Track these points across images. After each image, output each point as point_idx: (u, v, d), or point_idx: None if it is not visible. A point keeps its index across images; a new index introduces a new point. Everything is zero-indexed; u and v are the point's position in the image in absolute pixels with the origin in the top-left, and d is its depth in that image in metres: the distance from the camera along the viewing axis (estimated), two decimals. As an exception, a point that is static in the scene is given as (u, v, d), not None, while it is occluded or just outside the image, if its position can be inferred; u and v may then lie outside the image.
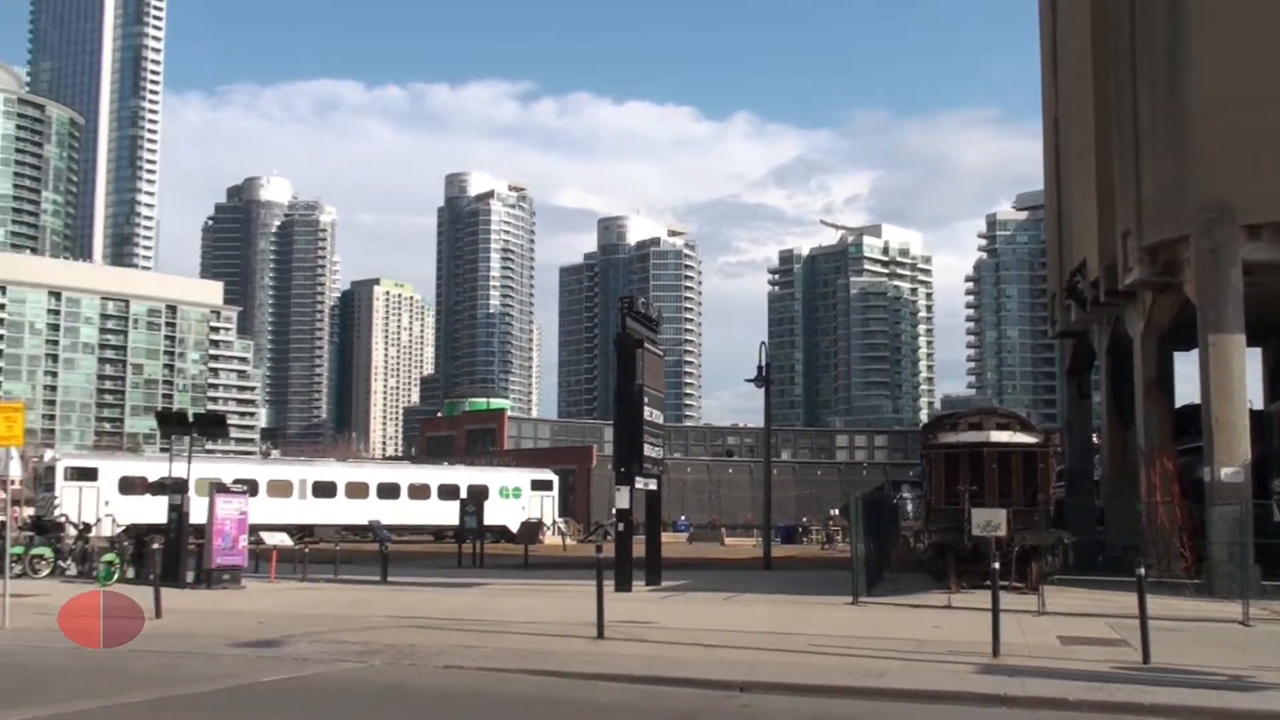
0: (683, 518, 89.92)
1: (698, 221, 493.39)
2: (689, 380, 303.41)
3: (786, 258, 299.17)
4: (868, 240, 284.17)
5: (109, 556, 31.60)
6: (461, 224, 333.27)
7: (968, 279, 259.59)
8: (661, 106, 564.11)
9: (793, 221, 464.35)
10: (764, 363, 45.19)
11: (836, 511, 71.84)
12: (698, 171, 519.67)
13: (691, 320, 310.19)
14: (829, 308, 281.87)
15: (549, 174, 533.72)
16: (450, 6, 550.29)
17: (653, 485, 31.54)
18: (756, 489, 79.23)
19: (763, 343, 47.31)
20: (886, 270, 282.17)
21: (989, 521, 24.66)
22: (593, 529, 76.66)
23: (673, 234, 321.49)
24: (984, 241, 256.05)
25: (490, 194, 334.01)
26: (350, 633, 19.62)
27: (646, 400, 30.73)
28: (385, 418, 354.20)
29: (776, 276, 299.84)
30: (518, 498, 70.22)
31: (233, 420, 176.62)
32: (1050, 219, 43.64)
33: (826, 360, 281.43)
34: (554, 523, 71.64)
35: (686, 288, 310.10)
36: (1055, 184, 41.88)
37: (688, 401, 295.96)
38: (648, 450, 30.67)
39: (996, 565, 18.52)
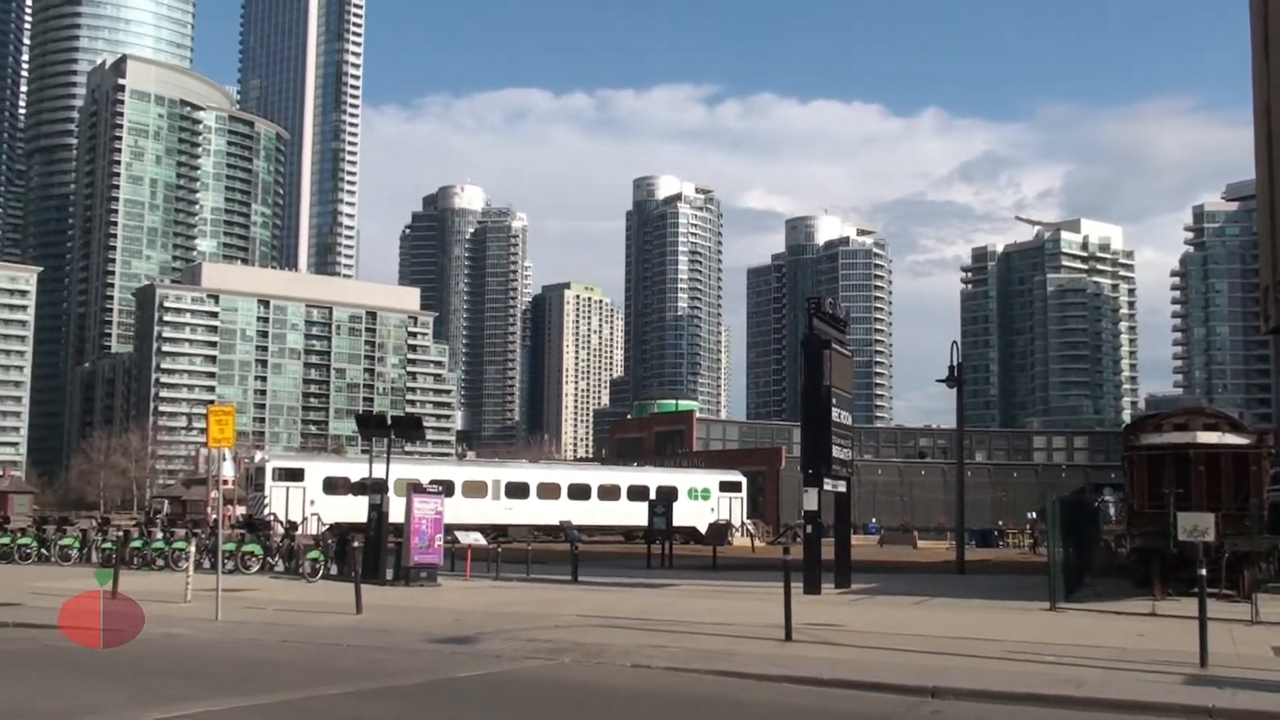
0: (873, 520, 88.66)
1: (883, 220, 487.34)
2: (879, 381, 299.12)
3: (980, 255, 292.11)
4: (1065, 235, 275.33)
5: (314, 554, 32.73)
6: (649, 227, 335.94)
7: (1173, 274, 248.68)
8: (848, 105, 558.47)
9: (981, 218, 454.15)
10: (956, 362, 44.22)
11: (1034, 515, 69.80)
12: (882, 170, 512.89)
13: (881, 320, 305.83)
14: (1025, 305, 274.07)
15: (734, 176, 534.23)
16: (635, 14, 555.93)
17: (842, 487, 31.20)
18: (950, 491, 77.60)
19: (954, 342, 46.24)
20: (1086, 266, 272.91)
21: (1195, 526, 23.57)
22: (781, 531, 76.17)
23: (862, 233, 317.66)
24: (1190, 235, 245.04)
25: (677, 197, 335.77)
26: (541, 631, 19.94)
27: (835, 401, 30.40)
28: (576, 420, 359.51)
29: (969, 274, 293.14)
30: (706, 499, 70.30)
31: (429, 423, 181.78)
32: (1263, 209, 41.45)
33: (1023, 359, 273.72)
34: (743, 524, 71.44)
35: (876, 287, 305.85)
36: (1268, 173, 39.74)
37: (878, 403, 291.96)
38: (836, 452, 30.34)
39: (1204, 572, 17.69)
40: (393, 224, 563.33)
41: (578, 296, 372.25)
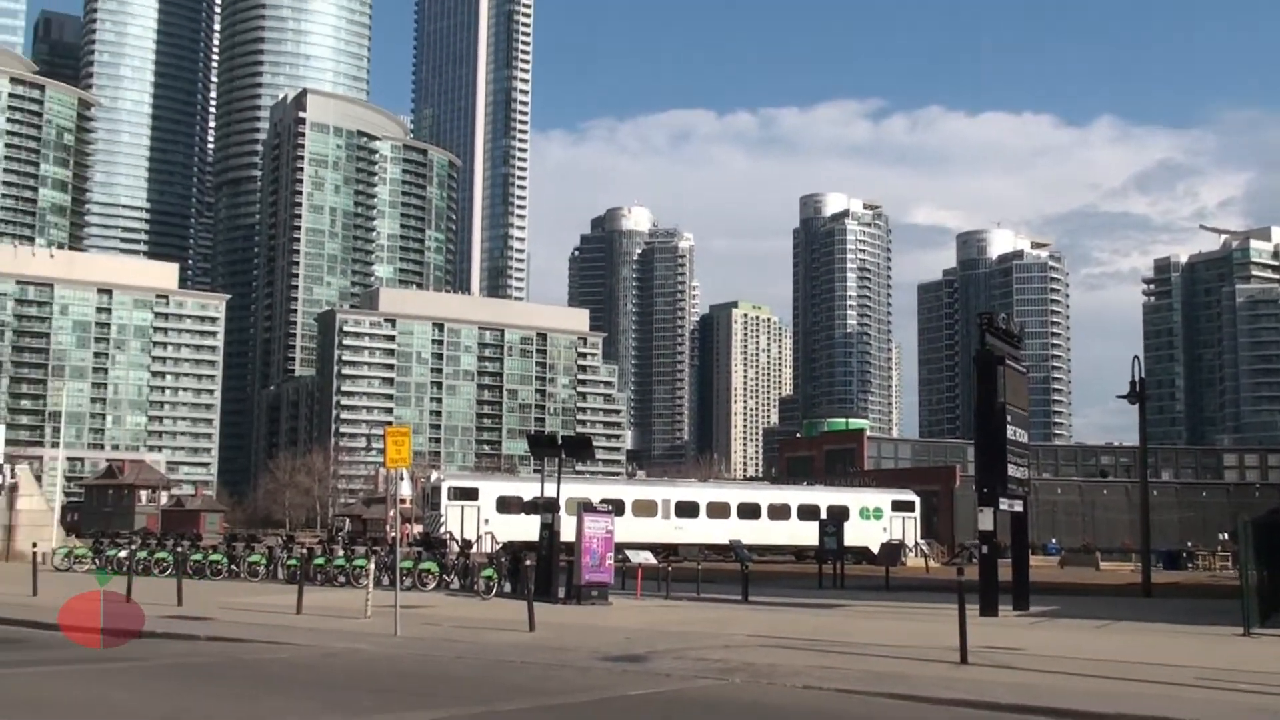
0: (1053, 540, 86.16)
1: (1055, 233, 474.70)
2: (1057, 398, 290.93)
3: (1162, 266, 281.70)
4: (1255, 244, 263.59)
5: (488, 572, 33.25)
6: (817, 244, 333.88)
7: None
8: (1018, 116, 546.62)
9: (1160, 229, 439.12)
10: (1138, 378, 42.74)
11: (1225, 536, 66.94)
12: (1053, 182, 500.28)
13: (1058, 335, 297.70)
14: (1212, 317, 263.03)
15: (901, 191, 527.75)
16: (797, 33, 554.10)
17: (1018, 507, 30.44)
18: (1134, 511, 74.89)
19: (1136, 357, 44.69)
20: (1278, 276, 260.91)
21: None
22: (956, 551, 74.63)
23: (1036, 246, 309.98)
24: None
25: (845, 213, 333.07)
26: (712, 650, 19.91)
27: (1009, 419, 29.71)
28: (745, 439, 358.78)
29: (1151, 286, 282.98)
30: (878, 519, 69.32)
31: (599, 442, 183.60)
32: None
33: (1211, 374, 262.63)
34: (916, 544, 70.22)
35: (1053, 301, 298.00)
36: None
37: (1056, 420, 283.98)
38: (1012, 470, 29.64)
39: None
40: (561, 247, 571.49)
41: (745, 315, 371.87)
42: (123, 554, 39.66)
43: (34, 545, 34.33)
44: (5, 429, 53.74)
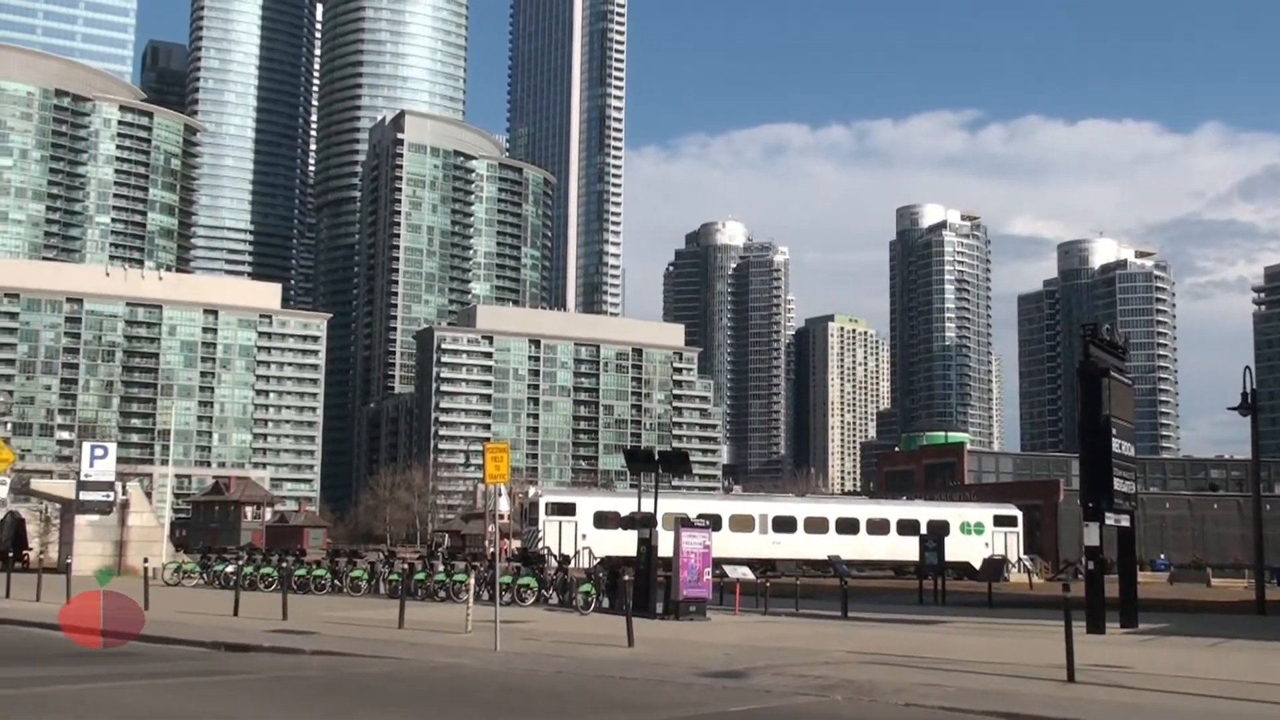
0: (1161, 556, 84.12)
1: (1157, 242, 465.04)
2: (1164, 410, 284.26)
3: (1273, 274, 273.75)
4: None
5: (586, 587, 33.34)
6: (914, 256, 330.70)
7: None
8: (1118, 123, 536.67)
9: (1267, 236, 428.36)
10: (1250, 389, 41.60)
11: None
12: (1155, 190, 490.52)
13: (1164, 346, 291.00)
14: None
15: (997, 202, 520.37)
16: (891, 44, 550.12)
17: (1125, 521, 29.81)
18: (1246, 525, 72.99)
19: (1247, 367, 43.46)
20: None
21: None
22: (1061, 567, 73.19)
23: (1140, 255, 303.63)
24: None
25: (942, 225, 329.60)
26: (811, 667, 19.76)
27: (1114, 431, 29.12)
28: (843, 453, 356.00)
29: (1261, 295, 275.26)
30: (980, 534, 68.26)
31: (695, 457, 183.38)
32: None
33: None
34: (1019, 560, 69.01)
35: (1158, 311, 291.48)
36: None
37: (1164, 432, 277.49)
38: (1118, 484, 29.03)
39: None
40: (655, 262, 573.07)
41: (841, 329, 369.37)
42: (229, 569, 40.54)
43: (145, 560, 35.19)
44: (117, 447, 55.15)
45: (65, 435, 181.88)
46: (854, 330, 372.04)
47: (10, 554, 48.86)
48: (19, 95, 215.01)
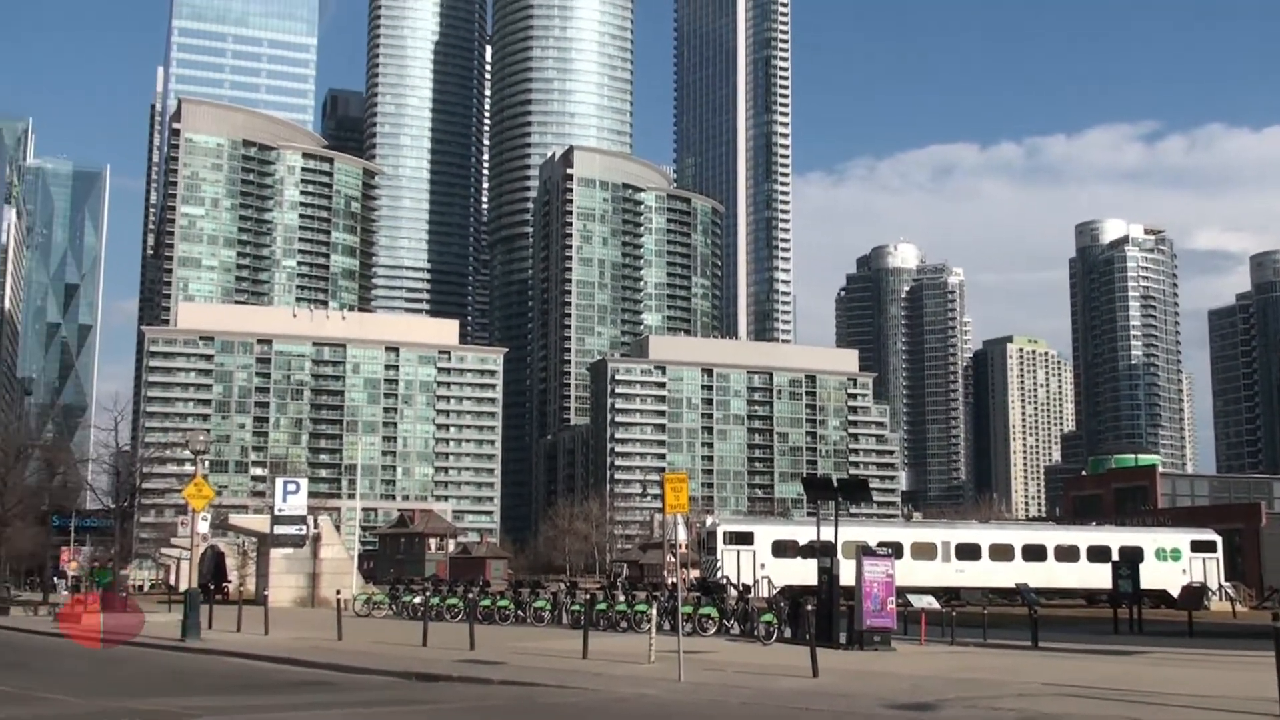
0: (1375, 582, 79.40)
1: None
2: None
3: None
4: None
5: (767, 617, 33.06)
6: (1095, 274, 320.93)
7: None
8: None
9: None
10: None
11: None
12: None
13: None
14: None
15: (1179, 215, 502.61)
16: (1061, 58, 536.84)
17: (1336, 545, 28.21)
18: None
19: None
20: None
21: None
22: (1266, 595, 69.71)
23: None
24: None
25: (1124, 240, 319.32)
26: (1004, 699, 19.19)
27: (1322, 450, 27.61)
28: (1026, 477, 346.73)
29: None
30: (1176, 560, 65.47)
31: (873, 484, 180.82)
32: None
33: None
34: (1220, 587, 65.98)
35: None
36: None
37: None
38: (1327, 506, 27.50)
39: None
40: (825, 287, 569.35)
41: (1021, 350, 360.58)
42: (417, 600, 41.47)
43: (338, 592, 36.28)
44: (308, 482, 57.09)
45: (258, 471, 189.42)
46: (1034, 351, 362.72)
47: (211, 587, 50.97)
48: (209, 147, 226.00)
